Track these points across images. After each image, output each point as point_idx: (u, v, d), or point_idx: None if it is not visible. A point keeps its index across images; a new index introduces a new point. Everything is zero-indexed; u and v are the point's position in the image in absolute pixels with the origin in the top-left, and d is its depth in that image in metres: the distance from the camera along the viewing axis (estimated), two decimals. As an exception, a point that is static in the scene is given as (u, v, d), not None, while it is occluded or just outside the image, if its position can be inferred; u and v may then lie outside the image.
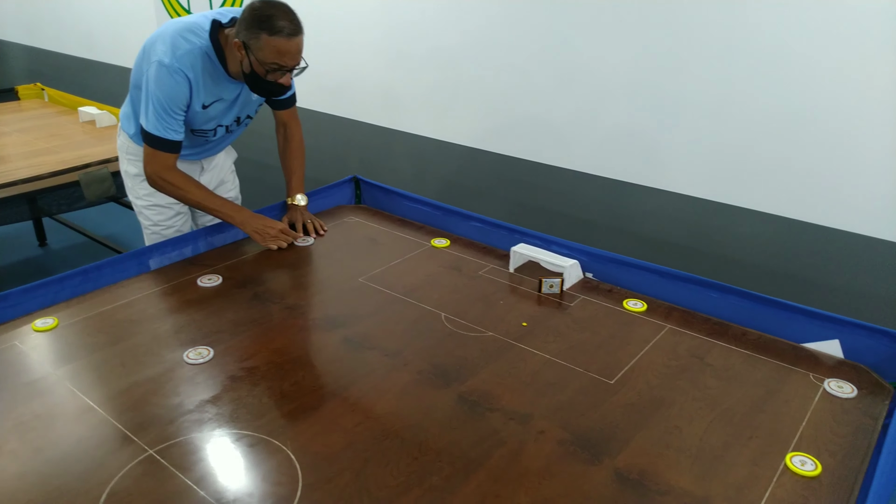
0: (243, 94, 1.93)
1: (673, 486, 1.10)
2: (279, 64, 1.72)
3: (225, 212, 1.89)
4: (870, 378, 1.39)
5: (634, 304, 1.66)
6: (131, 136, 2.04)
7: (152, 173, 1.85)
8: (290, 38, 1.70)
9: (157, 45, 1.80)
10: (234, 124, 2.01)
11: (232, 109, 1.95)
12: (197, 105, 1.84)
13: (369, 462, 1.14)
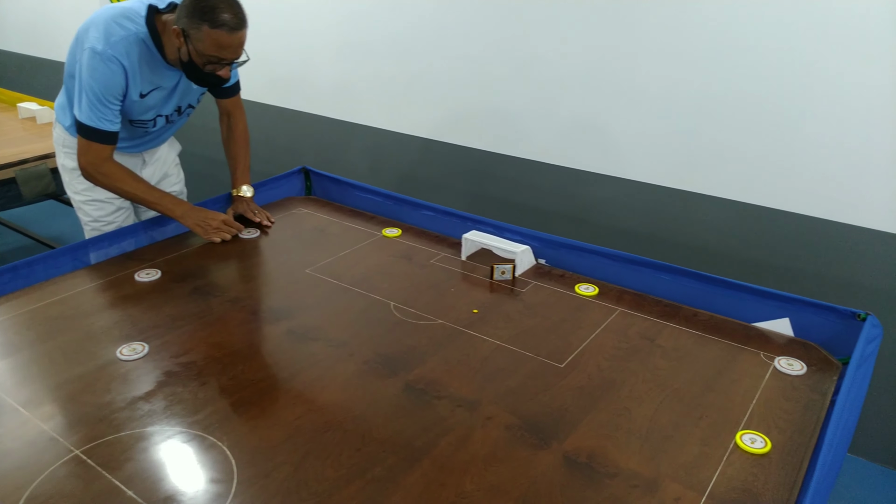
0: (183, 82, 1.86)
1: (622, 467, 1.08)
2: (219, 57, 1.66)
3: (164, 205, 1.82)
4: (819, 355, 1.39)
5: (586, 289, 1.64)
6: (67, 128, 1.96)
7: (86, 165, 1.77)
8: (233, 33, 1.63)
9: (90, 31, 1.72)
10: (174, 114, 1.94)
11: (172, 98, 1.88)
12: (134, 94, 1.77)
13: (309, 455, 1.09)
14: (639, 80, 2.13)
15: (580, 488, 1.03)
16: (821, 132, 1.87)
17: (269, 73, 3.09)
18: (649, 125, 2.16)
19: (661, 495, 1.02)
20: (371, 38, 2.72)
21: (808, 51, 1.83)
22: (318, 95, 3.00)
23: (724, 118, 2.01)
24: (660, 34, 2.04)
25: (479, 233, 1.80)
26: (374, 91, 2.81)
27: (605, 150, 2.29)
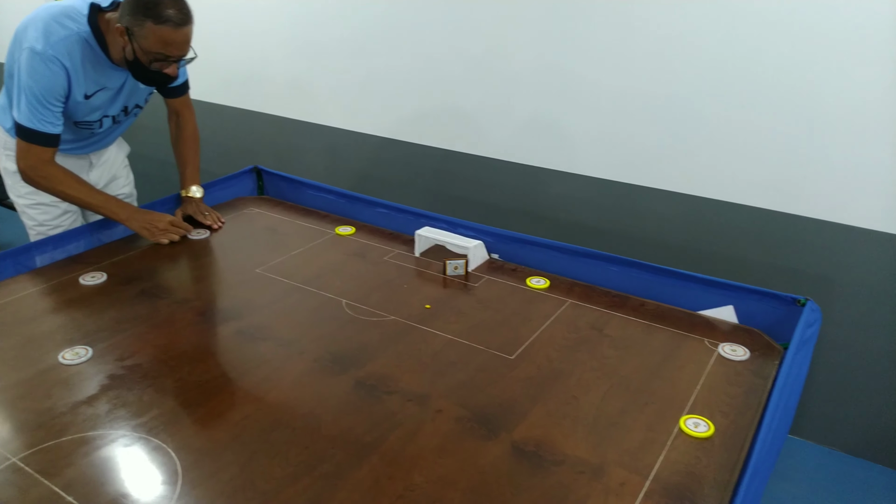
0: (129, 82, 1.82)
1: (568, 455, 1.09)
2: (164, 54, 1.63)
3: (109, 208, 1.78)
4: (762, 340, 1.42)
5: (537, 282, 1.65)
6: (8, 130, 1.90)
7: (26, 168, 1.72)
8: (178, 28, 1.60)
9: (29, 30, 1.67)
10: (121, 114, 1.90)
11: (118, 99, 1.84)
12: (78, 95, 1.73)
13: (256, 454, 1.08)
14: (591, 77, 2.15)
15: (527, 476, 1.04)
16: (761, 125, 1.92)
17: (222, 73, 3.05)
18: (601, 122, 2.19)
19: (607, 480, 1.04)
20: (325, 37, 2.70)
21: (748, 46, 1.87)
22: (272, 95, 2.97)
23: (671, 114, 2.05)
24: (610, 33, 2.07)
25: (431, 229, 1.80)
26: (329, 90, 2.80)
27: (559, 147, 2.31)
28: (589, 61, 2.14)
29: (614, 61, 2.09)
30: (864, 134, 1.80)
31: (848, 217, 1.89)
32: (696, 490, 1.02)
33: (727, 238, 2.08)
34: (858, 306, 1.96)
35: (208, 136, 2.93)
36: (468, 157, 2.52)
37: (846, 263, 1.94)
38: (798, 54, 1.82)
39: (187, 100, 2.02)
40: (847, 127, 1.81)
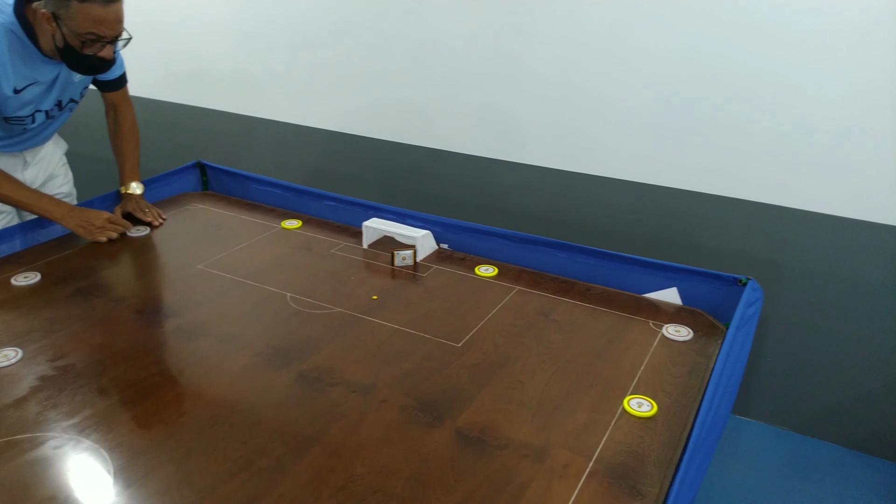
0: (63, 74, 1.76)
1: (513, 438, 1.08)
2: (96, 34, 1.56)
3: (42, 206, 1.71)
4: (705, 321, 1.44)
5: (486, 270, 1.65)
6: None
7: None
8: (107, 5, 1.54)
9: None
10: (55, 109, 1.83)
11: (51, 92, 1.77)
12: (7, 90, 1.66)
13: (193, 451, 1.05)
14: (538, 67, 2.15)
15: (471, 462, 1.03)
16: (703, 112, 1.94)
17: (163, 68, 2.97)
18: (549, 112, 2.19)
19: (551, 462, 1.03)
20: (270, 29, 2.65)
21: (689, 33, 1.90)
22: (217, 90, 2.90)
23: (615, 102, 2.07)
24: (557, 23, 2.07)
25: (379, 220, 1.78)
26: (276, 84, 2.75)
27: (508, 138, 2.31)
28: (536, 51, 2.14)
29: (561, 51, 2.10)
30: (805, 117, 1.83)
31: (791, 200, 1.93)
32: (638, 469, 1.02)
33: (674, 223, 2.10)
34: (804, 287, 2.00)
35: (151, 133, 2.86)
36: (418, 150, 2.50)
37: (791, 246, 1.98)
38: (736, 37, 1.84)
39: (125, 93, 1.96)
40: (789, 110, 1.85)
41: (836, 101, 1.78)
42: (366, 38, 2.44)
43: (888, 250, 1.85)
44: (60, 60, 1.66)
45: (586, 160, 2.19)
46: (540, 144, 2.26)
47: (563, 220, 2.29)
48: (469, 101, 2.33)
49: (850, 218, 1.87)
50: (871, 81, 1.73)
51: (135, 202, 1.87)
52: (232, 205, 2.02)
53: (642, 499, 0.97)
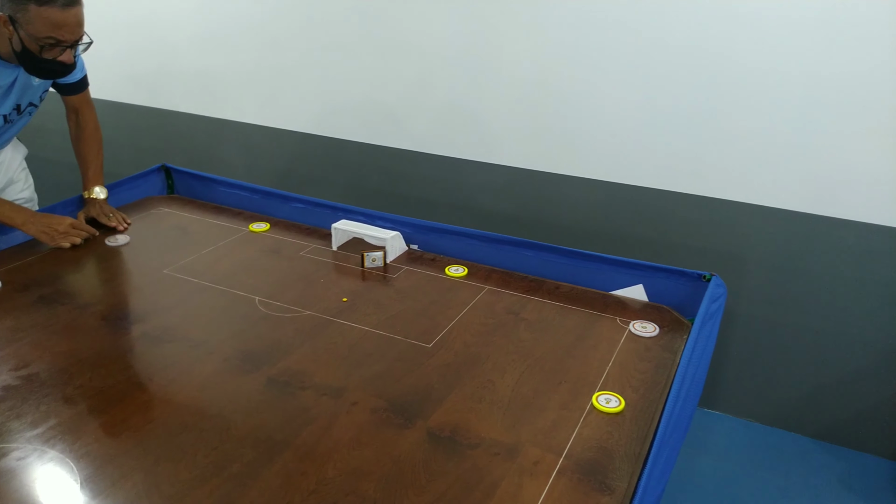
0: (21, 78, 1.72)
1: (484, 437, 1.09)
2: (55, 38, 1.54)
3: (2, 212, 1.68)
4: (671, 316, 1.47)
5: (456, 270, 1.66)
6: None
7: None
8: (66, 9, 1.51)
9: None
10: (13, 113, 1.79)
11: (9, 97, 1.73)
12: None
13: (161, 459, 1.04)
14: (505, 67, 2.17)
15: (442, 462, 1.04)
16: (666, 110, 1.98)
17: (127, 69, 2.92)
18: (517, 112, 2.20)
19: (521, 460, 1.04)
20: (235, 29, 2.62)
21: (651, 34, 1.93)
22: (182, 91, 2.87)
23: (583, 103, 2.09)
24: (524, 22, 2.09)
25: (348, 222, 1.78)
26: (243, 85, 2.72)
27: (478, 138, 2.32)
28: (505, 51, 2.15)
29: (529, 51, 2.11)
30: (767, 115, 1.87)
31: (755, 196, 1.97)
32: (607, 464, 1.04)
33: (641, 221, 2.14)
34: (767, 282, 2.05)
35: (115, 136, 2.82)
36: (389, 150, 2.50)
37: (755, 241, 2.02)
38: (700, 37, 1.88)
39: (86, 96, 1.93)
40: (751, 108, 1.89)
41: (796, 99, 1.82)
42: (334, 38, 2.43)
43: (848, 245, 1.90)
44: (18, 65, 1.63)
45: (555, 160, 2.21)
46: (509, 144, 2.27)
47: (533, 219, 2.31)
48: (439, 102, 2.33)
49: (811, 213, 1.92)
50: (829, 80, 1.77)
51: (98, 207, 1.84)
52: (198, 208, 2.00)
53: (611, 494, 0.98)
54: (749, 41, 1.82)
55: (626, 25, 1.95)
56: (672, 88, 1.96)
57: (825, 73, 1.77)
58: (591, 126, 2.10)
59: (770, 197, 1.96)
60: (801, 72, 1.79)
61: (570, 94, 2.10)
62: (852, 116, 1.78)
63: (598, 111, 2.08)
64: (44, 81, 1.77)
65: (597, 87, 2.05)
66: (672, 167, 2.04)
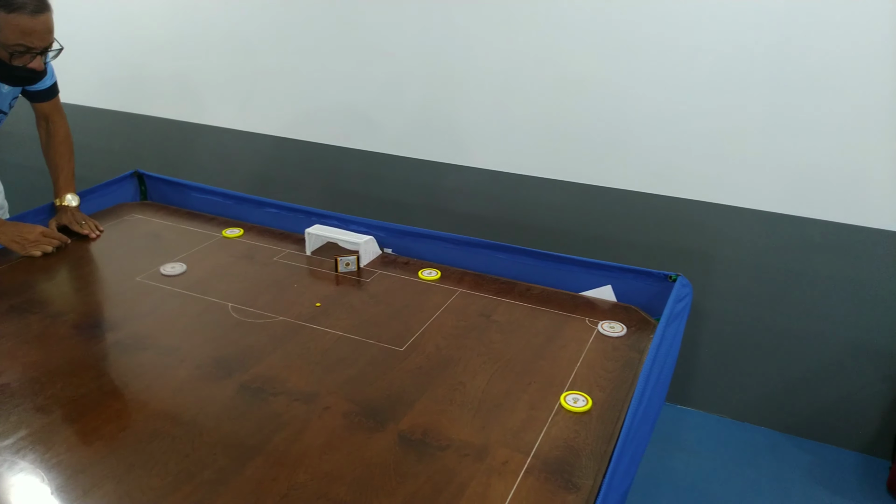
0: None
1: (454, 439, 1.11)
2: (25, 45, 1.53)
3: None
4: (638, 316, 1.50)
5: (429, 273, 1.68)
6: None
7: None
8: (35, 16, 1.51)
9: None
10: None
11: None
12: None
13: (134, 467, 1.04)
14: (478, 70, 2.19)
15: (413, 464, 1.06)
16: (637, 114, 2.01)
17: (99, 75, 2.90)
18: (491, 114, 2.23)
19: (490, 461, 1.07)
20: (211, 34, 2.62)
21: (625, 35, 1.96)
22: (155, 96, 2.85)
23: (553, 105, 2.12)
24: (491, 24, 2.11)
25: (322, 227, 1.79)
26: (217, 90, 2.72)
27: (452, 141, 2.34)
28: (475, 54, 2.17)
29: (499, 53, 2.14)
30: (732, 115, 1.92)
31: (721, 196, 2.01)
32: (574, 462, 1.06)
33: (612, 222, 2.17)
34: (735, 280, 2.09)
35: (88, 142, 2.81)
36: (365, 154, 2.51)
37: (722, 240, 2.06)
38: (667, 39, 1.91)
39: (57, 104, 1.92)
40: (718, 112, 1.93)
41: (761, 101, 1.87)
42: (308, 42, 2.44)
43: (812, 243, 1.95)
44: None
45: (527, 163, 2.24)
46: (483, 147, 2.30)
47: (506, 221, 2.33)
48: (411, 105, 2.35)
49: (777, 213, 1.96)
50: (792, 82, 1.82)
51: (70, 214, 1.83)
52: (172, 214, 2.00)
53: (577, 491, 1.01)
54: (715, 42, 1.86)
55: (594, 26, 1.98)
56: (640, 92, 1.99)
57: (788, 74, 1.81)
58: (563, 129, 2.13)
59: (737, 196, 2.00)
60: (764, 74, 1.83)
61: (540, 97, 2.13)
62: (817, 117, 1.82)
63: (568, 114, 2.11)
64: (13, 89, 1.76)
65: (567, 90, 2.08)
66: (641, 168, 2.07)
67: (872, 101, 1.75)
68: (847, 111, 1.79)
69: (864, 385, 2.04)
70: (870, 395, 2.04)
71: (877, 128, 1.77)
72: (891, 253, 1.87)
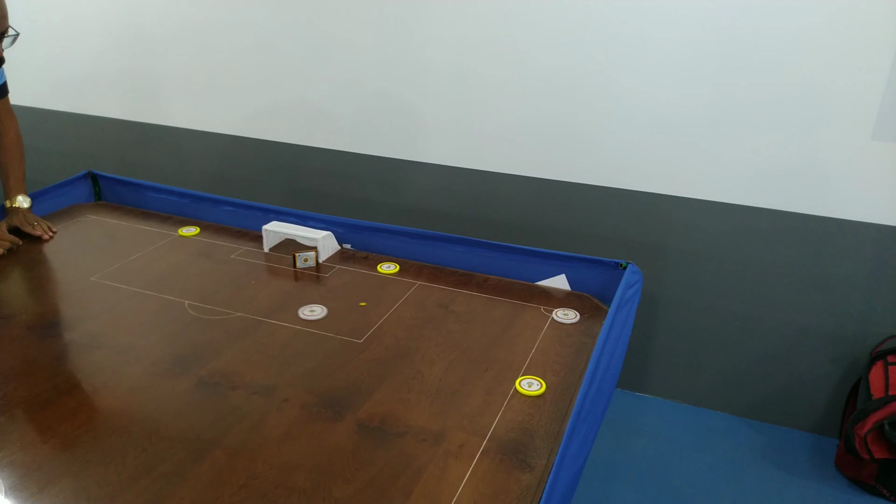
0: None
1: (412, 425, 1.13)
2: None
3: None
4: (591, 304, 1.54)
5: (388, 267, 1.69)
6: None
7: None
8: None
9: None
10: None
11: None
12: None
13: (90, 463, 1.04)
14: (431, 63, 2.21)
15: (371, 450, 1.07)
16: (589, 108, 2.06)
17: (49, 75, 2.85)
18: (446, 109, 2.25)
19: (447, 444, 1.09)
20: (164, 32, 2.59)
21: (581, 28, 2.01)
22: (107, 96, 2.81)
23: (507, 100, 2.15)
24: (447, 18, 2.14)
25: (279, 223, 1.79)
26: (172, 89, 2.69)
27: (410, 136, 2.36)
28: (428, 49, 2.20)
29: (455, 48, 2.16)
30: (679, 108, 1.97)
31: (673, 188, 2.07)
32: (528, 443, 1.09)
33: (566, 215, 2.21)
34: (687, 269, 2.15)
35: (40, 145, 2.75)
36: (324, 151, 2.51)
37: (674, 231, 2.12)
38: (618, 31, 1.96)
39: (6, 105, 1.88)
40: (666, 101, 1.98)
41: (709, 93, 1.93)
42: (262, 39, 2.43)
43: (761, 231, 2.02)
44: None
45: (483, 158, 2.27)
46: (440, 143, 2.32)
47: (464, 216, 2.36)
48: (368, 100, 2.36)
49: (726, 203, 2.02)
50: (740, 73, 1.88)
51: (22, 216, 1.80)
52: (126, 214, 1.97)
53: (531, 470, 1.04)
54: (665, 34, 1.91)
55: (549, 21, 2.02)
56: (590, 85, 2.04)
57: (737, 65, 1.87)
58: (517, 123, 2.17)
59: (689, 188, 2.06)
60: (713, 65, 1.89)
61: (493, 92, 2.16)
62: (763, 108, 1.89)
63: (521, 108, 2.14)
64: None
65: (519, 84, 2.12)
66: (593, 162, 2.12)
67: (817, 91, 1.83)
68: (790, 100, 1.86)
69: (813, 367, 2.12)
70: (818, 378, 2.12)
71: (824, 118, 1.85)
72: (837, 240, 1.95)
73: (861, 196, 1.88)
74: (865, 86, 1.77)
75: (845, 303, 2.01)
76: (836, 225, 1.93)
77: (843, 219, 1.92)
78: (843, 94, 1.80)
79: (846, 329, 2.03)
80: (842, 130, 1.83)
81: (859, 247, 1.93)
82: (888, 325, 1.99)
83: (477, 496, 0.98)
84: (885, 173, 1.84)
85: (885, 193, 1.86)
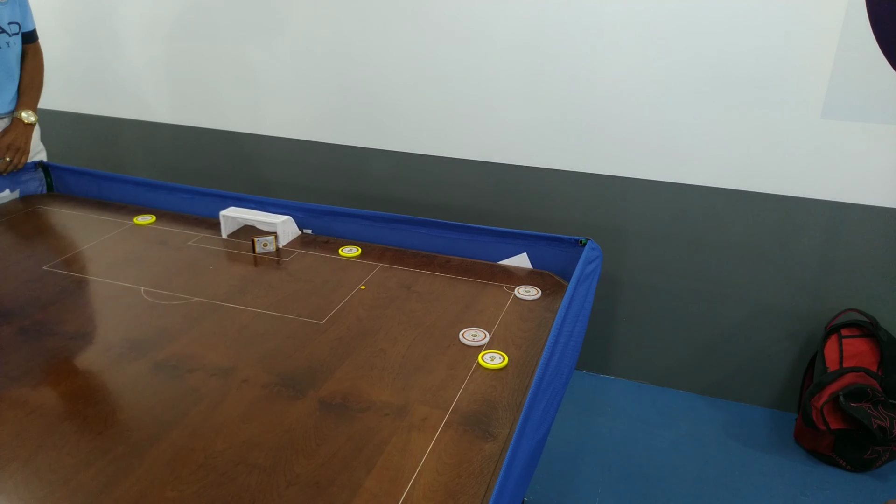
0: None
1: (374, 401, 1.12)
2: None
3: None
4: (552, 280, 1.55)
5: (349, 251, 1.68)
6: None
7: None
8: None
9: None
10: None
11: None
12: None
13: (42, 447, 1.01)
14: (393, 50, 2.20)
15: (333, 426, 1.06)
16: (548, 93, 2.07)
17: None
18: (406, 96, 2.25)
19: (410, 418, 1.08)
20: (110, 22, 2.53)
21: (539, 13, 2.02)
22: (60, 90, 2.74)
23: (467, 86, 2.16)
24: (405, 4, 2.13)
25: (237, 209, 1.76)
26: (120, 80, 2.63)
27: (370, 124, 2.35)
28: (388, 34, 2.19)
29: (414, 34, 2.16)
30: (633, 90, 2.00)
31: (631, 171, 2.10)
32: (490, 414, 1.10)
33: (528, 200, 2.23)
34: (647, 251, 2.18)
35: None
36: (280, 140, 2.49)
37: (634, 213, 2.15)
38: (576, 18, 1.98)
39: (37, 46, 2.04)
40: (621, 88, 2.01)
41: (662, 77, 1.95)
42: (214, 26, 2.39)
43: (717, 212, 2.06)
44: None
45: (443, 144, 2.27)
46: (400, 130, 2.31)
47: (425, 203, 2.36)
48: (324, 86, 2.34)
49: (681, 183, 2.06)
50: (690, 58, 1.91)
51: (12, 136, 1.83)
52: (79, 204, 1.92)
53: (494, 440, 1.04)
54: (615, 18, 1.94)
55: (502, 6, 2.03)
56: (549, 71, 2.05)
57: (685, 46, 1.90)
58: (478, 108, 2.17)
59: (645, 170, 2.09)
60: (664, 45, 1.92)
61: (453, 76, 2.16)
62: (716, 90, 1.92)
63: (482, 92, 2.15)
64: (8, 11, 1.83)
65: (479, 67, 2.12)
66: (553, 147, 2.14)
67: (768, 72, 1.87)
68: (745, 83, 1.90)
69: (771, 343, 2.17)
70: (776, 353, 2.17)
71: (776, 98, 1.89)
72: (791, 218, 2.00)
73: (813, 174, 1.93)
74: (814, 66, 1.82)
75: (801, 279, 2.06)
76: (790, 203, 1.98)
77: (796, 196, 1.97)
78: (792, 75, 1.84)
79: (802, 305, 2.09)
80: (793, 110, 1.88)
81: (813, 224, 1.98)
82: (842, 299, 2.04)
83: (440, 466, 0.98)
84: (834, 151, 1.89)
85: (835, 171, 1.91)
